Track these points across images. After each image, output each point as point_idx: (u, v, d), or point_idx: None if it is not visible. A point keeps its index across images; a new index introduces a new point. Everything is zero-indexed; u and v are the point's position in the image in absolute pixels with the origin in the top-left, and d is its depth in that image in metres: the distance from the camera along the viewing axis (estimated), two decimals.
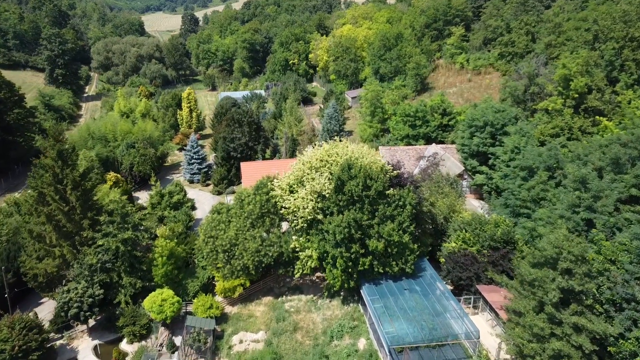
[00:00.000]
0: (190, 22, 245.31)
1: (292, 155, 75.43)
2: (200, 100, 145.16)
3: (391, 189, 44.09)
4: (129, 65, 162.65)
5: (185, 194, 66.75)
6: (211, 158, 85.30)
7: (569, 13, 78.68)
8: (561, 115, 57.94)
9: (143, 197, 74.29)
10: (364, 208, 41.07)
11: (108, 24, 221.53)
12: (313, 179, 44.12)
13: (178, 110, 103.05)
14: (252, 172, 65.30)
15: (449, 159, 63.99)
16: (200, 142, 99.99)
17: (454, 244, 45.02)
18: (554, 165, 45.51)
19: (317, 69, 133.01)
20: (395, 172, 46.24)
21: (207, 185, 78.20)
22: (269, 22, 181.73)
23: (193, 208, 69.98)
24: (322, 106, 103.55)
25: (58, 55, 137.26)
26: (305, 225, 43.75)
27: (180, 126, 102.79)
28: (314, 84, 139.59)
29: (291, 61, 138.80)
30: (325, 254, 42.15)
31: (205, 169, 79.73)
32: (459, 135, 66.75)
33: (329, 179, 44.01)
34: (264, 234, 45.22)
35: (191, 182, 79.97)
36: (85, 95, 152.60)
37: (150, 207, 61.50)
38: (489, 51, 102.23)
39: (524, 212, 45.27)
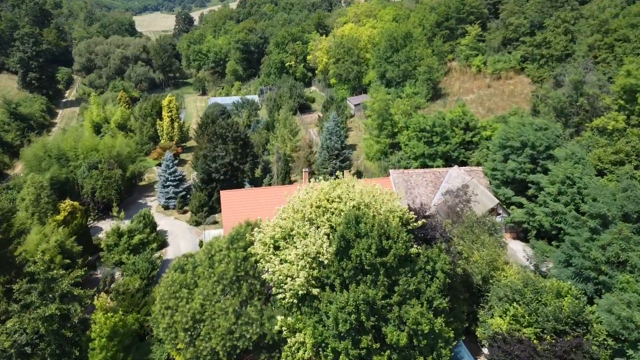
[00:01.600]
0: (184, 22, 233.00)
1: (285, 178, 63.12)
2: (190, 106, 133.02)
3: (414, 246, 31.85)
4: (112, 67, 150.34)
5: (151, 230, 54.54)
6: (192, 178, 73.07)
7: (617, 9, 66.42)
8: (623, 136, 45.74)
9: (108, 227, 62.01)
10: (379, 280, 28.81)
11: (95, 23, 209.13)
12: (306, 235, 31.84)
13: (158, 120, 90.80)
14: (234, 204, 53.07)
15: (477, 187, 51.77)
16: (184, 156, 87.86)
17: (500, 321, 32.80)
18: (635, 214, 33.23)
19: (316, 72, 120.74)
20: (420, 221, 33.96)
21: (186, 212, 65.95)
22: (265, 21, 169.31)
23: (163, 245, 57.75)
24: (320, 115, 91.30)
25: (32, 57, 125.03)
26: (296, 300, 31.48)
27: (160, 138, 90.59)
28: (313, 88, 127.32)
29: (287, 63, 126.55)
30: (323, 344, 29.90)
31: (183, 193, 67.50)
32: (490, 158, 54.55)
33: (328, 236, 31.77)
34: (240, 308, 32.97)
35: (166, 207, 67.74)
36: (64, 100, 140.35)
37: (107, 249, 49.26)
38: (509, 52, 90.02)
39: (599, 279, 32.98)
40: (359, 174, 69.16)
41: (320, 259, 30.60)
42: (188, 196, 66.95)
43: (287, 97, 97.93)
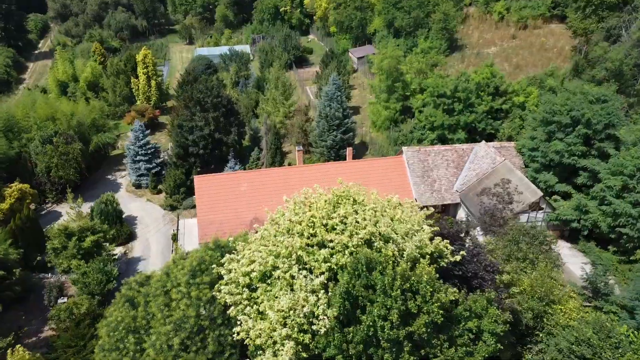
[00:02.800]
0: None
1: (276, 154, 52.66)
2: (175, 57, 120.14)
3: (448, 287, 22.16)
4: (90, 14, 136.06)
5: (115, 220, 45.06)
6: (168, 149, 62.72)
7: None
8: None
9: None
10: (402, 357, 19.34)
11: None
12: (292, 280, 21.94)
13: (133, 77, 79.16)
14: (210, 192, 43.15)
15: (512, 173, 41.61)
16: (165, 119, 76.89)
17: None
18: None
19: (315, 18, 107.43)
20: (458, 256, 24.04)
21: (160, 192, 56.08)
22: None
23: (130, 238, 48.26)
24: (319, 71, 79.53)
25: None
26: None
27: (136, 99, 79.33)
28: (311, 36, 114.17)
29: (282, 8, 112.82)
30: None
31: (158, 169, 57.35)
32: (526, 135, 44.07)
33: (326, 288, 21.92)
34: None
35: (138, 186, 57.81)
36: (36, 52, 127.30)
37: (53, 253, 39.76)
38: None
39: None
40: (363, 147, 58.73)
41: (314, 325, 20.92)
42: (163, 172, 56.86)
43: (280, 50, 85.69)
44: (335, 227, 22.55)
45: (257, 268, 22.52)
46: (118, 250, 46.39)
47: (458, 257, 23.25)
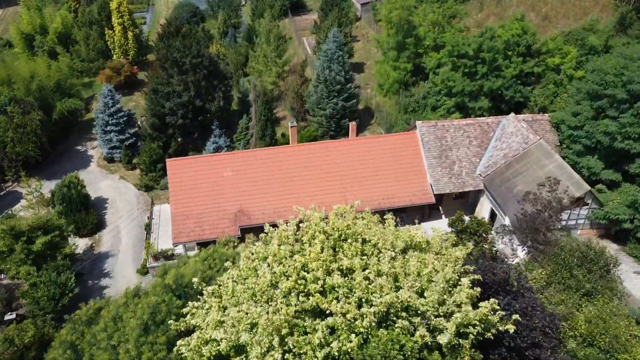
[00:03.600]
0: None
1: (266, 126, 44.96)
2: (159, 2, 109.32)
3: None
4: None
5: (80, 207, 38.49)
6: (144, 118, 54.96)
7: None
8: None
9: (44, 188, 45.26)
10: None
11: None
12: None
13: (108, 28, 69.97)
14: (185, 179, 36.08)
15: (551, 157, 34.39)
16: (145, 76, 68.47)
17: None
18: None
19: None
20: (509, 325, 17.24)
21: (135, 168, 48.98)
22: None
23: (98, 227, 41.73)
24: (317, 20, 70.15)
25: None
26: None
27: (112, 52, 70.52)
28: None
29: None
30: None
31: (132, 140, 49.99)
32: (568, 109, 36.49)
33: None
34: None
35: (110, 160, 50.66)
36: None
37: None
38: None
39: None
40: (367, 115, 50.97)
41: None
42: (139, 144, 49.53)
43: None
44: (336, 287, 15.75)
45: (223, 343, 15.94)
46: (84, 244, 40.02)
47: (511, 328, 16.65)
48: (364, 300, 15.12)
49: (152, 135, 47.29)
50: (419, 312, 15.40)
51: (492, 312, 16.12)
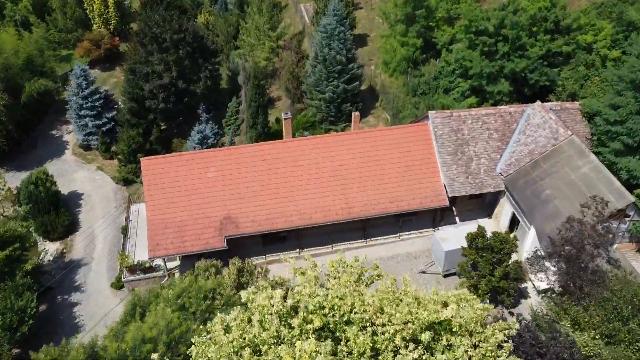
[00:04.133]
0: None
1: (257, 116, 39.72)
2: None
3: None
4: None
5: (49, 207, 34.04)
6: (121, 101, 49.57)
7: None
8: None
9: (13, 180, 40.76)
10: None
11: None
12: None
13: None
14: (165, 180, 31.38)
15: (583, 156, 29.66)
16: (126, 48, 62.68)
17: None
18: None
19: None
20: None
21: (114, 157, 44.16)
22: None
23: (70, 229, 37.38)
24: None
25: None
26: None
27: (92, 22, 64.38)
28: None
29: None
30: None
31: (110, 126, 44.98)
32: (604, 100, 31.42)
33: None
34: None
35: (87, 147, 45.85)
36: None
37: None
38: None
39: None
40: (371, 97, 45.65)
41: None
42: (116, 131, 44.56)
43: None
44: None
45: None
46: (54, 249, 35.76)
47: None
48: None
49: (131, 122, 42.26)
50: None
51: None
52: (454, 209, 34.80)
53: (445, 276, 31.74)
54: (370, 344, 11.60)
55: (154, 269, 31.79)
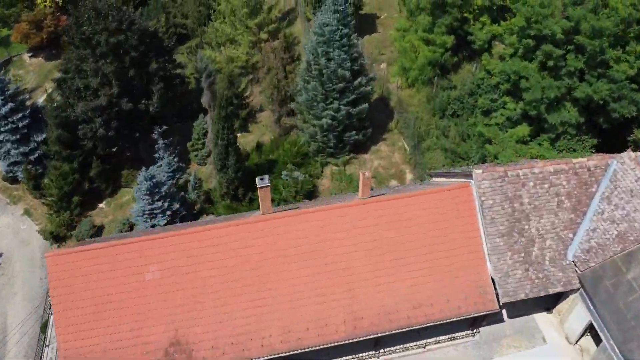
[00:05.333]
0: None
1: (226, 160, 28.27)
2: None
3: None
4: None
5: None
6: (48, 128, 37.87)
7: None
8: None
9: None
10: None
11: None
12: None
13: None
14: (80, 287, 21.02)
15: None
16: None
17: None
18: None
19: None
20: None
21: (46, 195, 33.40)
22: None
23: None
24: None
25: None
26: None
27: (35, 3, 51.84)
28: None
29: None
30: None
31: (40, 153, 33.95)
32: None
33: None
34: None
35: (13, 180, 35.21)
36: None
37: None
38: None
39: None
40: (383, 114, 34.16)
41: None
42: (46, 163, 33.64)
43: None
44: None
45: None
46: None
47: None
48: None
49: (62, 154, 31.50)
50: None
51: None
52: None
53: None
54: None
55: None
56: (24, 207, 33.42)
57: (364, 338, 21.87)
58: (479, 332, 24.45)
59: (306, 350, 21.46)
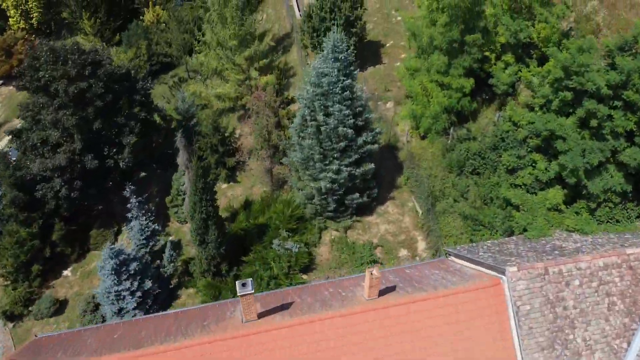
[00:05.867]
0: None
1: (206, 234, 23.89)
2: None
3: None
4: None
5: None
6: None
7: None
8: None
9: None
10: None
11: None
12: None
13: None
14: None
15: None
16: None
17: None
18: None
19: None
20: None
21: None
22: None
23: None
24: None
25: None
26: None
27: (7, 13, 47.50)
28: None
29: None
30: None
31: None
32: None
33: None
34: None
35: None
36: None
37: None
38: None
39: None
40: (389, 161, 29.64)
41: None
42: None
43: None
44: None
45: None
46: None
47: None
48: None
49: (18, 217, 27.13)
50: None
51: None
52: None
53: None
54: None
55: None
56: None
57: None
58: None
59: None
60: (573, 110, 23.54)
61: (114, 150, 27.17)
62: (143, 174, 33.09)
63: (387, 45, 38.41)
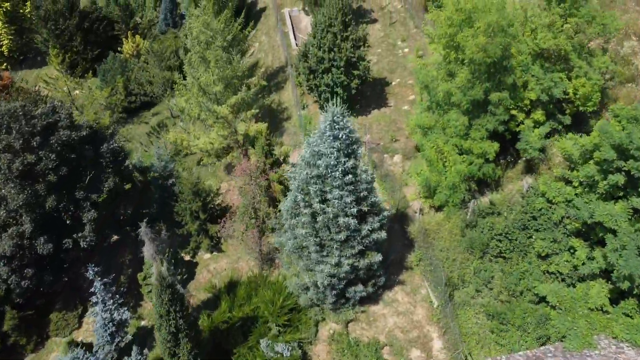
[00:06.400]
0: None
1: (176, 347, 19.95)
2: None
3: None
4: None
5: None
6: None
7: None
8: None
9: None
10: None
11: None
12: None
13: None
14: None
15: None
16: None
17: None
18: None
19: None
20: None
21: None
22: None
23: None
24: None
25: None
26: None
27: None
28: None
29: None
30: None
31: None
32: None
33: None
34: None
35: None
36: None
37: None
38: None
39: None
40: (397, 237, 25.30)
41: None
42: None
43: None
44: None
45: None
46: None
47: None
48: None
49: None
50: None
51: None
52: None
53: None
54: None
55: None
56: None
57: None
58: None
59: None
60: (625, 194, 19.32)
61: (73, 228, 22.94)
62: (115, 237, 29.02)
63: (394, 83, 34.07)
